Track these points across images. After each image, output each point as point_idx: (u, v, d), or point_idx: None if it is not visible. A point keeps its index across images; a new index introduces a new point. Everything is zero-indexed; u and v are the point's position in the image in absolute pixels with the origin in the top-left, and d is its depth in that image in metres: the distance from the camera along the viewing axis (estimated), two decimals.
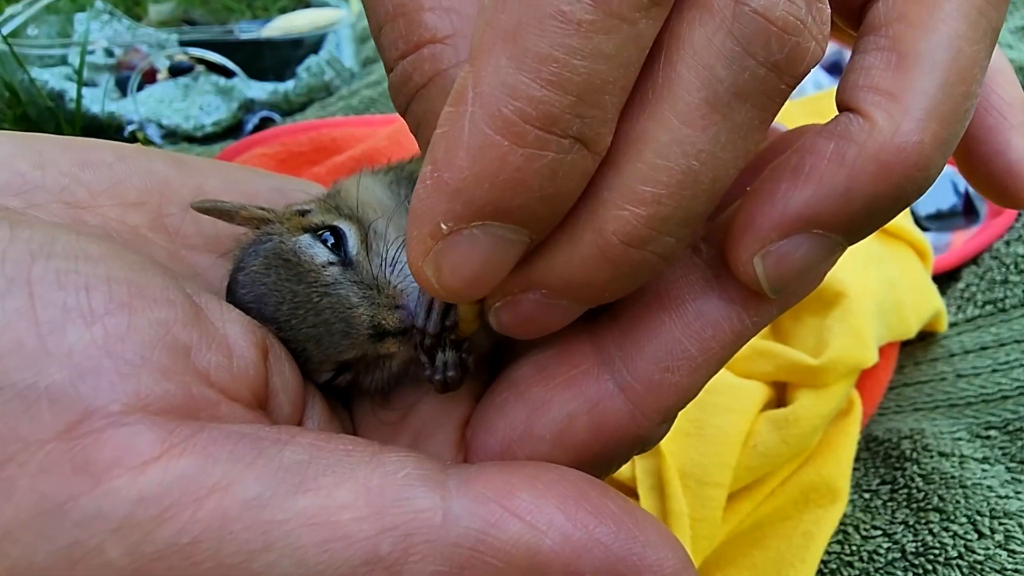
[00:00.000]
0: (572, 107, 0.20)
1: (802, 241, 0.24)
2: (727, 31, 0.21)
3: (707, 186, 0.22)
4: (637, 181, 0.22)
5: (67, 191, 0.29)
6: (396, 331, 0.29)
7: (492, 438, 0.29)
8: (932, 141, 0.23)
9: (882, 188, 0.23)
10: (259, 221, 0.32)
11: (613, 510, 0.23)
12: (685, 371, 0.26)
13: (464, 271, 0.22)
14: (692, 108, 0.21)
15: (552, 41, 0.19)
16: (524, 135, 0.20)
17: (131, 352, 0.22)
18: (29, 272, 0.22)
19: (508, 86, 0.20)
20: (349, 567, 0.21)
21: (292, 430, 0.24)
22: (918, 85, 0.23)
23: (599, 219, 0.22)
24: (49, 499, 0.20)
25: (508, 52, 0.20)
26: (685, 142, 0.21)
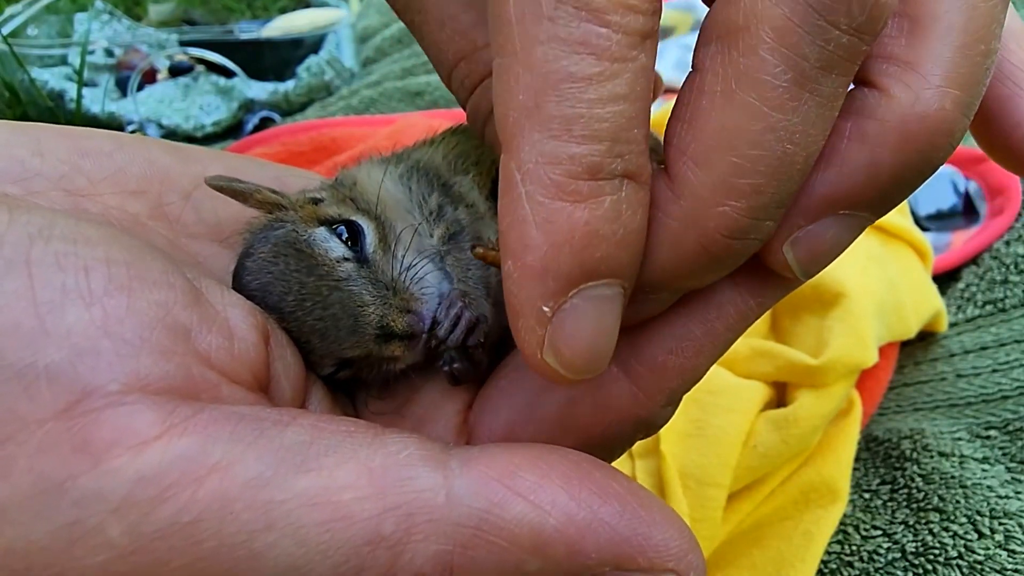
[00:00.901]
0: (609, 151, 0.21)
1: (830, 223, 0.24)
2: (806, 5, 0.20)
3: (801, 164, 0.22)
4: (735, 176, 0.22)
5: (66, 179, 0.28)
6: (403, 335, 0.29)
7: (496, 421, 0.29)
8: (954, 107, 0.22)
9: (907, 160, 0.23)
10: (272, 206, 0.31)
11: (617, 490, 0.23)
12: (689, 353, 0.27)
13: (581, 345, 0.23)
14: (781, 92, 0.21)
15: (572, 101, 0.21)
16: (579, 191, 0.21)
17: (130, 333, 0.22)
18: (28, 254, 0.22)
19: (548, 155, 0.21)
20: (351, 547, 0.21)
21: (293, 412, 0.24)
22: (934, 50, 0.22)
23: (702, 218, 0.22)
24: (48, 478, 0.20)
25: (537, 125, 0.21)
26: (778, 128, 0.21)
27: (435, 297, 0.30)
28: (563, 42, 0.21)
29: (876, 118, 0.22)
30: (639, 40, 0.21)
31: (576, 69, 0.21)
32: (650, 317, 0.26)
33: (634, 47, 0.21)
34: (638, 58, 0.21)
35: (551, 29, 0.21)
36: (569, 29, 0.20)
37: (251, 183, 0.31)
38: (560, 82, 0.21)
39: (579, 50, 0.21)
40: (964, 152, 0.91)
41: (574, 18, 0.20)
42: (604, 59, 0.21)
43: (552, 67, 0.21)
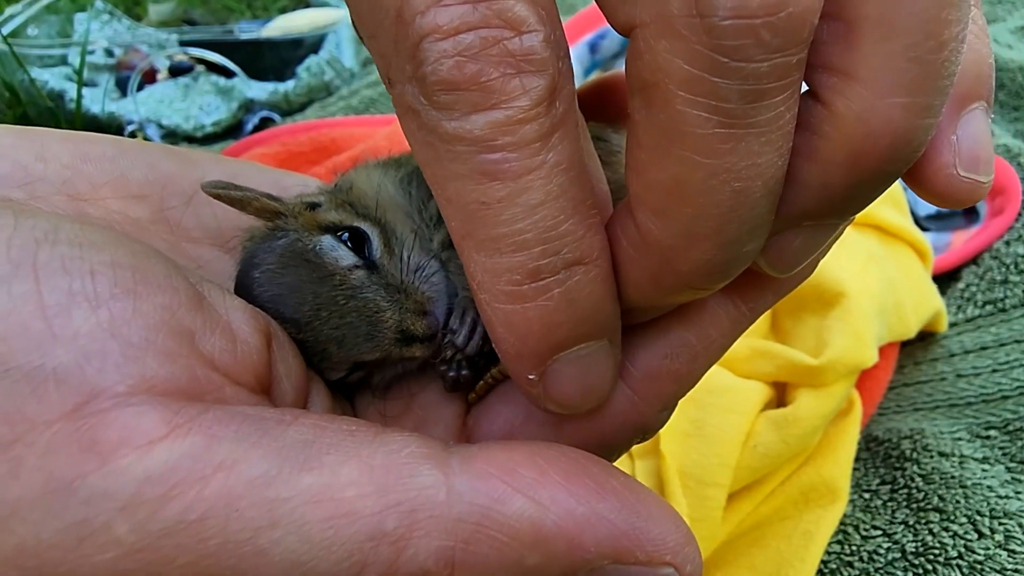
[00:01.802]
0: (543, 253, 0.22)
1: (795, 235, 0.24)
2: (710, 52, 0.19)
3: (761, 191, 0.21)
4: (693, 223, 0.22)
5: (69, 183, 0.29)
6: (424, 337, 0.30)
7: (494, 425, 0.29)
8: (904, 115, 0.20)
9: (861, 175, 0.21)
10: (271, 213, 0.31)
11: (615, 486, 0.23)
12: (684, 359, 0.27)
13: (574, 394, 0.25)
14: (711, 139, 0.20)
15: (491, 223, 0.22)
16: (524, 295, 0.23)
17: (136, 335, 0.22)
18: (35, 258, 0.22)
19: (489, 270, 0.23)
20: (354, 543, 0.21)
21: (296, 412, 0.24)
22: (874, 56, 0.20)
23: (674, 263, 0.23)
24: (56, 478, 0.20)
25: (473, 247, 0.23)
26: (720, 171, 0.20)
27: (444, 296, 0.31)
28: (465, 177, 0.22)
29: (822, 135, 0.21)
30: (538, 145, 0.21)
31: (485, 197, 0.22)
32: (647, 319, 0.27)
33: (535, 154, 0.21)
34: (545, 161, 0.21)
35: (451, 168, 0.22)
36: (468, 165, 0.21)
37: (249, 190, 0.31)
38: (476, 212, 0.22)
39: (482, 180, 0.21)
40: None
41: (467, 154, 0.21)
42: (508, 180, 0.21)
43: (464, 199, 0.22)
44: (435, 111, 0.21)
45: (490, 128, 0.21)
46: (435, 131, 0.22)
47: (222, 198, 0.31)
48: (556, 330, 0.23)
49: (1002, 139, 0.94)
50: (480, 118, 0.21)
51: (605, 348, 0.25)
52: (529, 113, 0.21)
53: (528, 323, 0.23)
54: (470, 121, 0.21)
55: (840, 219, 0.24)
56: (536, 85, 0.21)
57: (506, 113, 0.21)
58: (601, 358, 0.25)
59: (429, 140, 0.22)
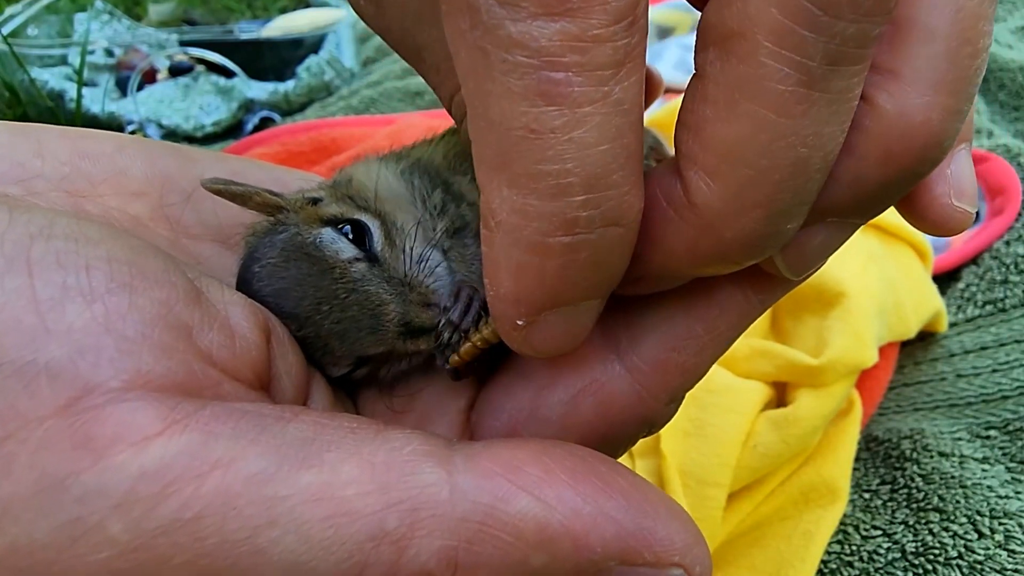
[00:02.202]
0: (585, 204, 0.20)
1: (817, 231, 0.24)
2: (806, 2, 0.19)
3: (820, 164, 0.21)
4: (748, 188, 0.21)
5: (67, 180, 0.28)
6: (429, 328, 0.29)
7: (498, 421, 0.29)
8: (941, 116, 0.21)
9: (893, 173, 0.22)
10: (273, 208, 0.31)
11: (623, 485, 0.23)
12: (691, 351, 0.26)
13: (552, 343, 0.24)
14: (787, 98, 0.19)
15: (536, 157, 0.20)
16: (552, 248, 0.21)
17: (131, 330, 0.22)
18: (28, 252, 0.22)
19: (518, 212, 0.20)
20: (355, 542, 0.21)
21: (296, 409, 0.23)
22: (918, 56, 0.21)
23: (718, 229, 0.22)
24: (49, 475, 0.19)
25: (505, 181, 0.20)
26: (788, 134, 0.20)
27: (448, 287, 0.30)
28: (519, 96, 0.19)
29: (861, 130, 0.21)
30: (609, 73, 0.19)
31: (536, 123, 0.19)
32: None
33: (603, 83, 0.19)
34: (611, 94, 0.19)
35: (504, 82, 0.19)
36: (523, 81, 0.19)
37: (250, 185, 0.31)
38: (521, 139, 0.20)
39: (537, 102, 0.19)
40: None
41: (526, 67, 0.19)
42: (566, 107, 0.19)
43: (511, 123, 0.20)
44: (499, 7, 0.19)
45: (560, 40, 0.19)
46: (494, 33, 0.19)
47: (223, 194, 0.30)
48: (568, 289, 0.22)
49: (1002, 139, 0.94)
50: (550, 26, 0.18)
51: (598, 304, 0.24)
52: (607, 31, 0.19)
53: (542, 278, 0.21)
54: (538, 27, 0.18)
55: (863, 218, 0.24)
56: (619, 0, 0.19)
57: (582, 26, 0.18)
58: (592, 312, 0.24)
59: (483, 45, 0.19)
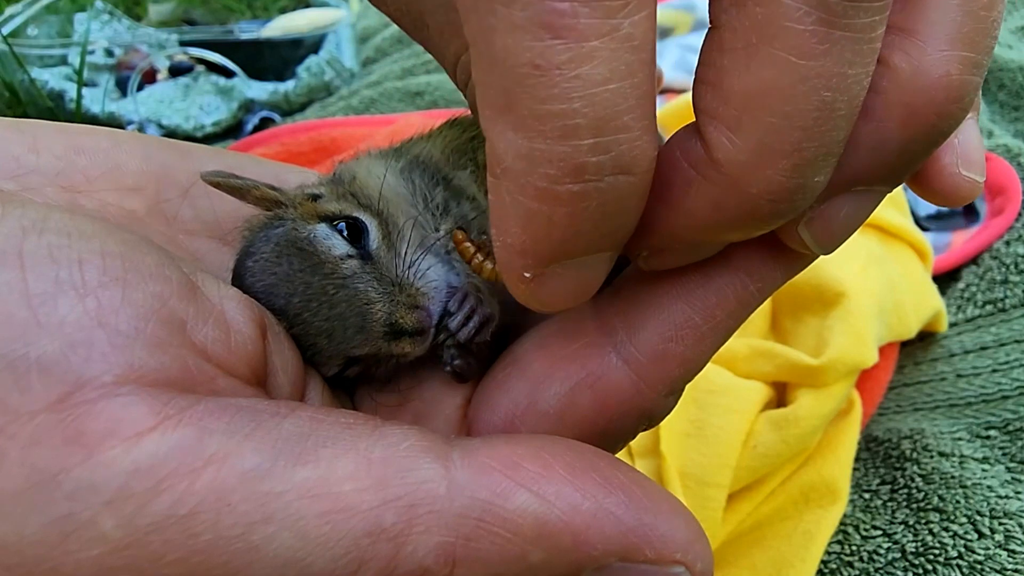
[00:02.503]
0: (594, 148, 0.19)
1: (844, 201, 0.23)
2: None
3: (845, 109, 0.20)
4: (773, 137, 0.20)
5: (62, 175, 0.28)
6: (413, 331, 0.29)
7: (495, 415, 0.28)
8: (961, 69, 0.21)
9: (915, 134, 0.21)
10: (271, 203, 0.31)
11: (623, 480, 0.23)
12: (690, 341, 0.26)
13: (560, 297, 0.23)
14: (808, 37, 0.19)
15: (542, 96, 0.19)
16: (559, 195, 0.20)
17: (125, 324, 0.21)
18: (21, 246, 0.21)
19: (524, 156, 0.19)
20: (352, 538, 0.20)
21: (291, 404, 0.23)
22: (932, 11, 0.21)
23: (744, 184, 0.21)
24: (40, 471, 0.19)
25: (510, 123, 0.19)
26: (811, 76, 0.19)
27: (442, 291, 0.30)
28: (522, 29, 0.18)
29: (879, 92, 0.21)
30: (618, 4, 0.18)
31: (541, 58, 0.18)
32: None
33: (611, 15, 0.18)
34: (619, 27, 0.18)
35: (507, 16, 0.18)
36: (527, 12, 0.18)
37: (249, 179, 0.31)
38: (526, 76, 0.18)
39: (541, 36, 0.18)
40: None
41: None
42: (572, 40, 0.18)
43: (515, 59, 0.18)
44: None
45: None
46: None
47: (221, 186, 0.30)
48: (577, 240, 0.21)
49: (1002, 139, 0.94)
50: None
51: (609, 257, 0.23)
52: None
53: (550, 227, 0.20)
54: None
55: (889, 184, 0.23)
56: None
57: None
58: (601, 266, 0.23)
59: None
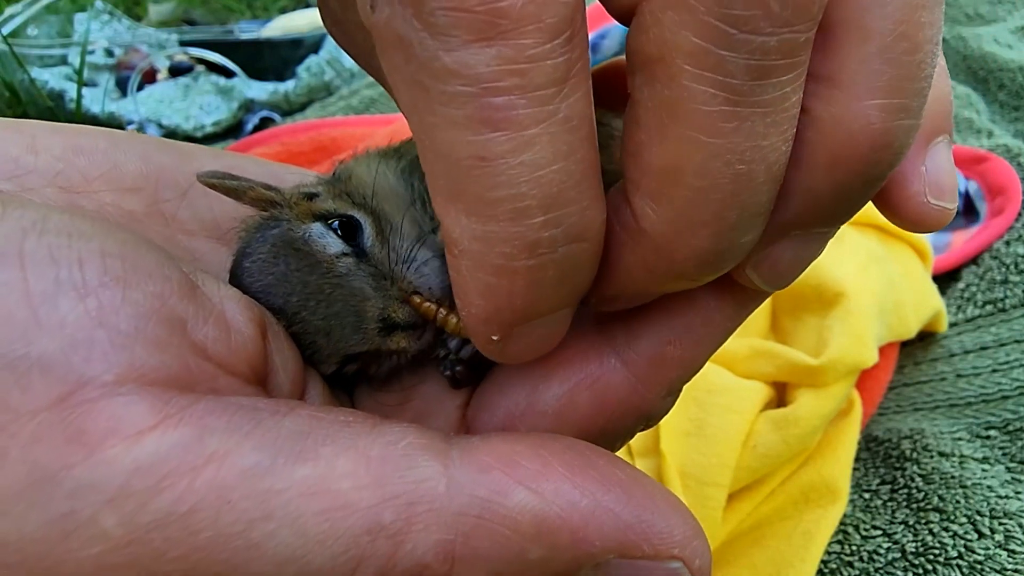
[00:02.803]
0: (545, 224, 0.20)
1: (787, 244, 0.24)
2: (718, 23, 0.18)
3: (764, 176, 0.20)
4: (691, 209, 0.21)
5: (61, 176, 0.28)
6: (406, 325, 0.29)
7: (494, 416, 0.28)
8: (884, 116, 0.20)
9: (844, 179, 0.21)
10: (267, 203, 0.31)
11: (621, 478, 0.23)
12: (688, 343, 0.26)
13: (527, 352, 0.24)
14: (715, 118, 0.19)
15: (489, 184, 0.19)
16: (517, 270, 0.21)
17: (125, 323, 0.21)
18: (21, 247, 0.21)
19: (479, 239, 0.20)
20: (351, 536, 0.20)
21: (291, 403, 0.23)
22: (851, 59, 0.20)
23: (669, 251, 0.22)
24: (41, 469, 0.19)
25: (462, 210, 0.20)
26: (722, 153, 0.20)
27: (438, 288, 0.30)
28: (462, 125, 0.19)
29: (804, 142, 0.21)
30: (552, 92, 0.19)
31: (484, 151, 0.19)
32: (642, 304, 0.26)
33: (547, 102, 0.19)
34: (557, 112, 0.19)
35: (446, 114, 0.19)
36: (464, 111, 0.19)
37: (244, 179, 0.31)
38: (471, 169, 0.19)
39: (481, 130, 0.19)
40: (964, 152, 0.91)
41: (465, 96, 0.19)
42: (512, 131, 0.19)
43: (459, 153, 0.19)
44: (431, 39, 0.18)
45: (497, 64, 0.18)
46: (429, 65, 0.19)
47: (217, 187, 0.30)
48: (538, 304, 0.22)
49: (1002, 139, 0.94)
50: (485, 52, 0.18)
51: (570, 312, 0.24)
52: (543, 49, 0.18)
53: (511, 297, 0.22)
54: (472, 55, 0.18)
55: (828, 227, 0.24)
56: (554, 16, 0.18)
57: (517, 47, 0.18)
58: (564, 320, 0.24)
59: (419, 78, 0.19)
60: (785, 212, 0.22)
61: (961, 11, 1.26)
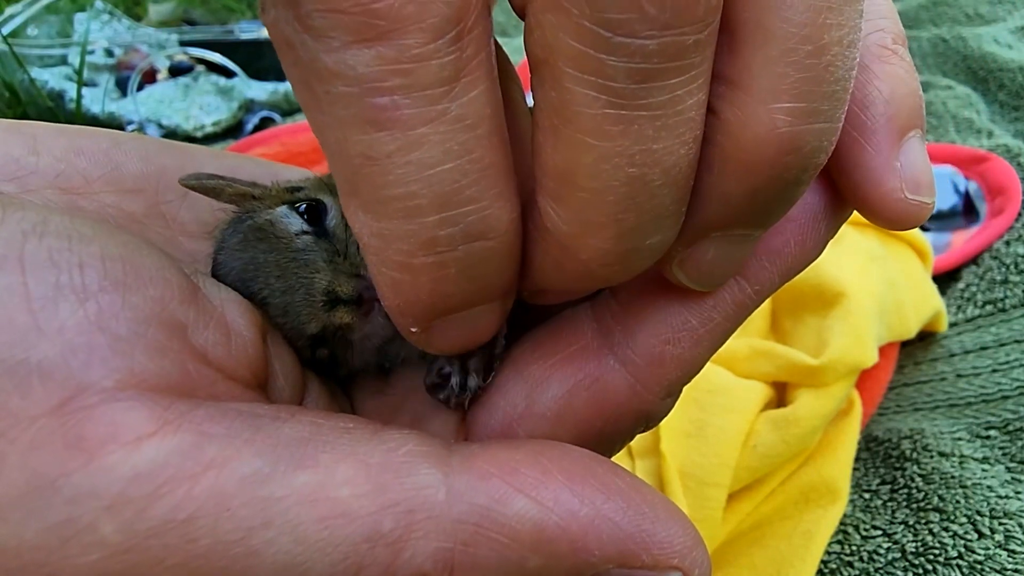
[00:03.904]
0: (441, 223, 0.20)
1: (708, 244, 0.23)
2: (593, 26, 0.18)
3: (660, 180, 0.20)
4: (587, 210, 0.21)
5: (62, 177, 0.28)
6: (349, 299, 0.28)
7: (492, 418, 0.28)
8: (788, 121, 0.20)
9: (756, 183, 0.21)
10: (244, 197, 0.31)
11: (621, 486, 0.23)
12: (687, 343, 0.26)
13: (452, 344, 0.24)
14: (600, 120, 0.19)
15: (379, 183, 0.20)
16: (416, 267, 0.21)
17: (125, 328, 0.21)
18: (21, 250, 0.21)
19: (377, 235, 0.21)
20: (350, 544, 0.20)
21: (291, 409, 0.23)
22: (754, 62, 0.20)
23: (573, 251, 0.22)
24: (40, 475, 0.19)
25: (359, 206, 0.20)
26: (611, 156, 0.20)
27: None
28: (348, 125, 0.19)
29: (714, 144, 0.21)
30: (440, 91, 0.19)
31: (371, 150, 0.19)
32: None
33: (434, 102, 0.19)
34: (447, 111, 0.19)
35: (332, 113, 0.19)
36: (351, 110, 0.19)
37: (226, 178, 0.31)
38: (361, 166, 0.19)
39: (367, 130, 0.19)
40: (964, 152, 0.92)
41: (348, 97, 0.19)
42: (397, 131, 0.19)
43: (348, 152, 0.19)
44: (312, 41, 0.18)
45: (378, 65, 0.18)
46: (311, 67, 0.19)
47: (197, 188, 0.30)
48: (448, 300, 0.22)
49: (1002, 139, 0.94)
50: (365, 52, 0.18)
51: (496, 306, 0.24)
52: (426, 49, 0.18)
53: (417, 292, 0.22)
54: (353, 55, 0.18)
55: (748, 230, 0.23)
56: (435, 16, 0.18)
57: (399, 47, 0.18)
58: (490, 315, 0.24)
59: (305, 79, 0.19)
60: (701, 213, 0.22)
61: (961, 11, 1.26)
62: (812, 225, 0.26)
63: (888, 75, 0.24)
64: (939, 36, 1.19)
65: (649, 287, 0.26)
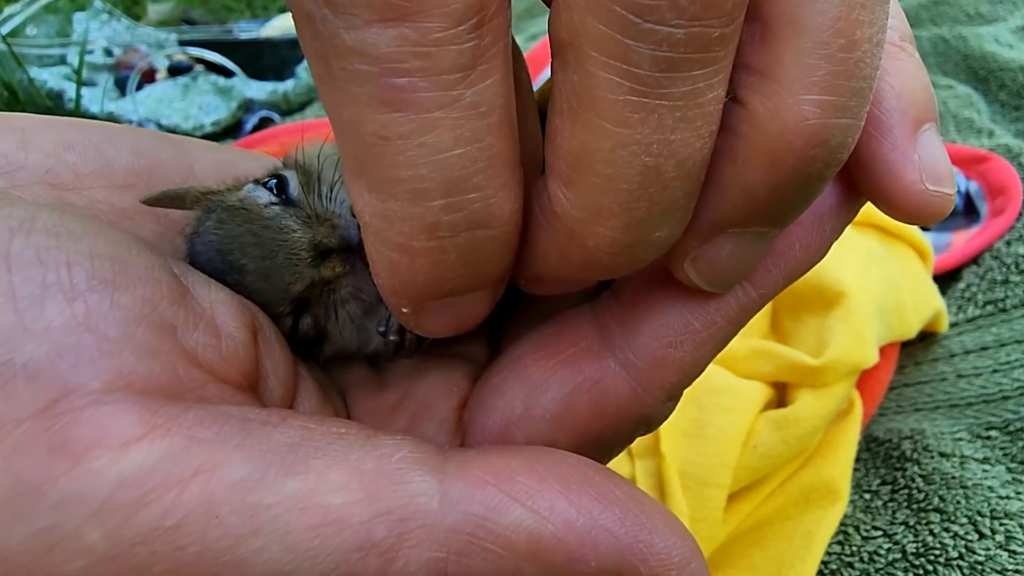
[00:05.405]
0: (446, 208, 0.20)
1: (725, 241, 0.23)
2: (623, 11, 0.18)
3: (675, 172, 0.20)
4: (599, 196, 0.21)
5: (52, 172, 0.27)
6: (337, 247, 0.29)
7: (490, 420, 0.28)
8: (818, 114, 0.20)
9: (782, 179, 0.21)
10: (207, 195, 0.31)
11: (618, 496, 0.22)
12: (689, 346, 0.26)
13: (442, 328, 0.24)
14: (621, 107, 0.19)
15: (389, 163, 0.20)
16: (416, 250, 0.21)
17: (113, 329, 0.21)
18: (8, 248, 0.21)
19: (380, 216, 0.21)
20: (341, 552, 0.20)
21: (283, 412, 0.23)
22: (787, 54, 0.20)
23: (580, 238, 0.22)
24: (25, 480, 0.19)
25: (365, 185, 0.21)
26: (628, 143, 0.20)
27: None
28: (363, 103, 0.19)
29: (740, 135, 0.21)
30: (457, 77, 0.19)
31: (385, 130, 0.19)
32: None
33: (450, 87, 0.19)
34: (462, 97, 0.19)
35: (348, 90, 0.19)
36: (367, 88, 0.19)
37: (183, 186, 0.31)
38: (372, 145, 0.19)
39: (382, 109, 0.19)
40: (964, 152, 0.91)
41: (366, 75, 0.19)
42: (412, 112, 0.19)
43: (360, 130, 0.19)
44: (332, 16, 0.18)
45: (399, 45, 0.18)
46: (330, 42, 0.19)
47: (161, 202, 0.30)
48: (442, 285, 0.22)
49: (1002, 139, 0.94)
50: (387, 32, 0.18)
51: (488, 294, 0.24)
52: (447, 34, 0.18)
53: (413, 274, 0.22)
54: (375, 34, 0.18)
55: (767, 227, 0.23)
56: (458, 2, 0.18)
57: (421, 30, 0.18)
58: (479, 302, 0.24)
59: (323, 54, 0.19)
60: (720, 207, 0.22)
61: (961, 11, 1.25)
62: (817, 227, 0.25)
63: (899, 71, 0.24)
64: (940, 36, 1.19)
65: (651, 289, 0.26)
